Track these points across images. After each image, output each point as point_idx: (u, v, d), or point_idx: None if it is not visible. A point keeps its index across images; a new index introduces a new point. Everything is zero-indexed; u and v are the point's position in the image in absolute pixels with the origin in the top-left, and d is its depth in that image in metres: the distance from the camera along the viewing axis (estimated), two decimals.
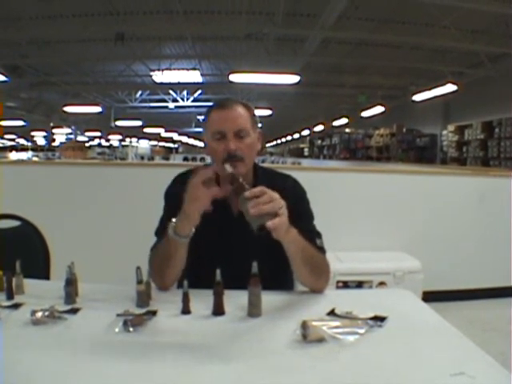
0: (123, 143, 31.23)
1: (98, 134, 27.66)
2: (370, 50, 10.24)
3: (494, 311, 3.85)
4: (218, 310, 1.39)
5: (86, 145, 27.02)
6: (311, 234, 1.61)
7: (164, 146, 37.44)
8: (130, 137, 28.84)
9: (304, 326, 1.21)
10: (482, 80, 11.09)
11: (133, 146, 27.31)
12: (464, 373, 1.04)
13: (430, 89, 10.26)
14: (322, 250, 1.64)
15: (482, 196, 4.20)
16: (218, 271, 1.36)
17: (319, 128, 20.90)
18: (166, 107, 18.37)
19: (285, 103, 17.12)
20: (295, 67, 9.92)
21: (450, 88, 9.66)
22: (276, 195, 1.37)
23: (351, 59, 11.09)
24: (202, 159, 20.53)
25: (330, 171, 4.96)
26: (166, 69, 11.62)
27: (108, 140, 31.77)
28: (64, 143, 25.74)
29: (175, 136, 29.94)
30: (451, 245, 4.19)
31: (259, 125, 1.73)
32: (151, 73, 12.21)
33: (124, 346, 1.20)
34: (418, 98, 11.06)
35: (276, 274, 1.56)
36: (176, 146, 37.30)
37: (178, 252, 1.52)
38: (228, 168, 1.47)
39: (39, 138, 29.96)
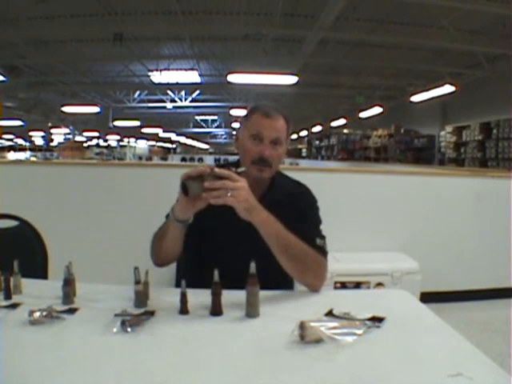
0: (121, 143, 31.24)
1: (96, 134, 27.68)
2: (368, 50, 10.26)
3: (491, 312, 3.85)
4: (216, 311, 1.39)
5: (84, 145, 26.99)
6: (311, 234, 1.67)
7: (162, 147, 37.43)
8: (128, 137, 28.84)
9: (302, 326, 1.21)
10: (480, 81, 11.11)
11: (131, 147, 27.30)
12: (462, 374, 1.04)
13: (427, 90, 10.28)
14: (321, 249, 1.66)
15: (479, 195, 4.20)
16: (216, 272, 1.36)
17: (317, 129, 20.94)
18: (164, 107, 18.39)
19: (283, 104, 17.11)
20: (293, 68, 9.93)
21: (447, 89, 9.67)
22: (230, 183, 1.46)
23: (349, 60, 11.11)
24: (200, 160, 20.56)
25: (327, 172, 4.95)
26: (164, 69, 11.62)
27: (106, 140, 31.80)
28: (62, 143, 25.72)
29: (173, 136, 29.95)
30: (449, 246, 4.19)
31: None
32: (149, 73, 12.21)
33: (122, 346, 1.20)
34: (415, 98, 11.07)
35: (276, 272, 1.57)
36: (174, 146, 37.32)
37: (173, 233, 1.60)
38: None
39: (37, 138, 29.94)
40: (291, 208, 1.72)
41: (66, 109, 13.82)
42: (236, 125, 18.63)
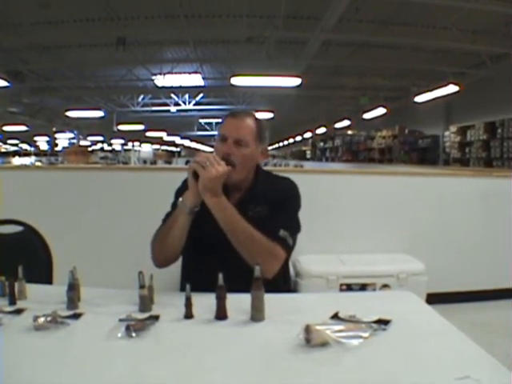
0: (126, 147, 31.27)
1: (101, 138, 27.74)
2: (371, 51, 10.24)
3: (498, 313, 3.83)
4: (221, 315, 1.38)
5: (89, 149, 27.04)
6: (277, 225, 1.72)
7: (166, 150, 37.47)
8: (133, 141, 28.87)
9: (307, 330, 1.20)
10: (484, 80, 11.08)
11: (135, 150, 27.35)
12: (469, 376, 1.04)
13: (431, 90, 10.26)
14: (282, 240, 1.71)
15: (485, 195, 4.18)
16: (221, 275, 1.36)
17: (321, 130, 20.92)
18: (168, 111, 18.42)
19: (286, 106, 17.12)
20: (296, 70, 9.92)
21: (451, 89, 9.65)
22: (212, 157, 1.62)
23: (352, 61, 11.10)
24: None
25: (332, 174, 4.94)
26: (168, 73, 11.62)
27: (110, 144, 31.85)
28: (67, 148, 25.76)
29: (177, 140, 29.97)
30: (455, 246, 4.17)
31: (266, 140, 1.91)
32: (153, 77, 12.23)
33: (126, 351, 1.19)
34: (419, 99, 11.05)
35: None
36: (178, 149, 37.35)
37: (181, 224, 1.69)
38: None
39: (42, 142, 30.07)
40: (274, 201, 1.79)
41: (70, 113, 13.87)
42: None
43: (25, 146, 32.82)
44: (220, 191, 1.64)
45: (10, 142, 31.17)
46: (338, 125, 17.96)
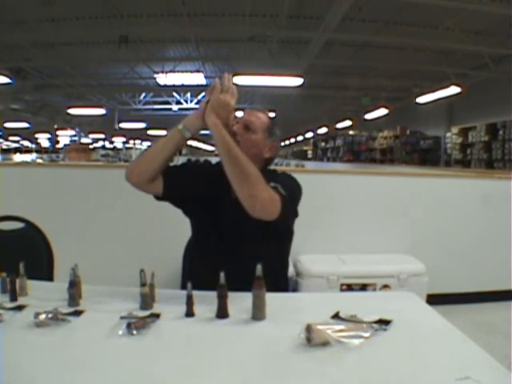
0: (127, 145, 31.26)
1: (102, 136, 27.73)
2: (374, 51, 10.22)
3: (498, 314, 3.83)
4: (222, 313, 1.38)
5: (90, 147, 27.02)
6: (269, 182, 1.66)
7: None
8: (134, 139, 28.86)
9: (308, 329, 1.20)
10: (486, 82, 11.07)
11: (137, 148, 27.33)
12: (470, 377, 1.04)
13: (433, 91, 10.25)
14: (274, 189, 1.63)
15: (486, 196, 4.18)
16: (222, 274, 1.36)
17: (323, 130, 20.90)
18: (170, 109, 18.39)
19: (288, 105, 17.10)
20: (299, 69, 9.91)
21: (453, 90, 9.64)
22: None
23: (355, 61, 11.07)
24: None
25: (333, 174, 4.94)
26: (170, 71, 11.60)
27: (112, 142, 31.84)
28: (68, 145, 25.75)
29: None
30: (456, 247, 4.17)
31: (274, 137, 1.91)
32: (155, 75, 12.21)
33: (127, 348, 1.20)
34: (421, 100, 11.04)
35: (270, 259, 1.60)
36: None
37: (172, 142, 1.79)
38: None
39: (43, 140, 30.05)
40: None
41: (72, 111, 13.86)
42: None
43: (26, 143, 32.81)
44: (222, 121, 1.69)
45: (11, 138, 31.15)
46: (340, 125, 17.93)
